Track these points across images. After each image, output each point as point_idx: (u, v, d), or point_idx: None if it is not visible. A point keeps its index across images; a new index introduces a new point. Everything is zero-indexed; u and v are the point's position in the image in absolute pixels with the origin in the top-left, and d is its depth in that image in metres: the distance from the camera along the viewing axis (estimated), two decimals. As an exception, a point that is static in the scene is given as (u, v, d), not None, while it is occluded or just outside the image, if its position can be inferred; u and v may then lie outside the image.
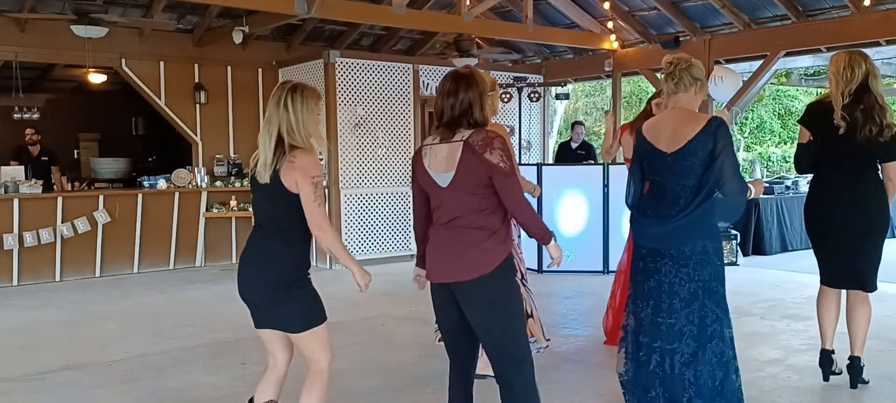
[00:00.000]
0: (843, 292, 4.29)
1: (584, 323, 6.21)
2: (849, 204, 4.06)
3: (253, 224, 3.18)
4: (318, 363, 3.15)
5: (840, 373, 4.36)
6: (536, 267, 8.38)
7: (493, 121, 4.74)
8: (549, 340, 4.76)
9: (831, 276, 4.26)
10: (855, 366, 4.24)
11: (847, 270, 4.17)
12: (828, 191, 4.13)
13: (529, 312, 4.49)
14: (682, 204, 3.33)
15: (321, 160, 9.24)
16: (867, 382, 4.31)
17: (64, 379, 4.74)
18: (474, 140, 2.89)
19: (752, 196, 3.48)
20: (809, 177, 4.41)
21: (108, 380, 4.71)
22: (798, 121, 4.30)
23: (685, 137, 3.30)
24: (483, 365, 4.52)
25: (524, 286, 4.46)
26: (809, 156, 4.18)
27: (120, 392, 4.49)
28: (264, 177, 2.95)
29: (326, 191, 9.14)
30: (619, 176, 7.72)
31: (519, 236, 4.59)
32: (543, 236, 3.03)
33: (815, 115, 4.17)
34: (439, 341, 4.79)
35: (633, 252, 3.62)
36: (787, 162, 17.73)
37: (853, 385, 4.26)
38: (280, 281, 3.00)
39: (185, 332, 5.95)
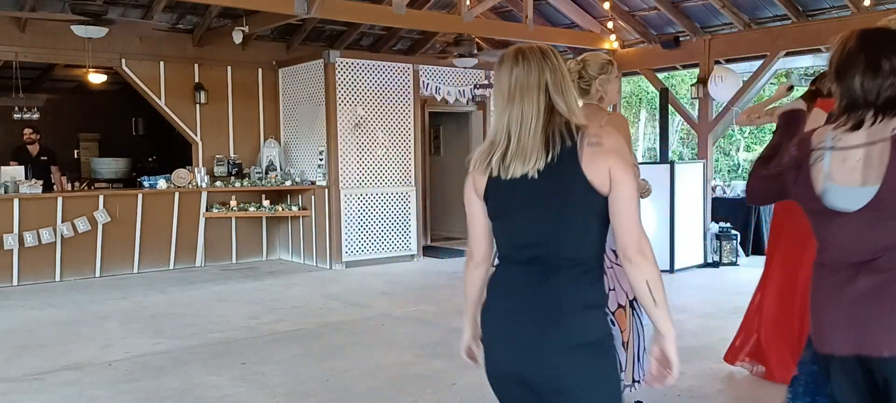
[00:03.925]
0: None
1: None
2: None
3: (500, 256, 1.98)
4: None
5: None
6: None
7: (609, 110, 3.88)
8: (635, 381, 3.76)
9: None
10: None
11: None
12: None
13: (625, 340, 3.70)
14: None
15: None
16: None
17: (64, 379, 4.74)
18: None
19: None
20: None
21: (108, 380, 4.71)
22: None
23: None
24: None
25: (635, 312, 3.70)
26: None
27: (120, 392, 4.49)
28: (530, 165, 1.83)
29: (326, 191, 9.15)
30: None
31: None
32: None
33: None
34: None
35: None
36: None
37: None
38: (586, 339, 1.83)
39: (185, 332, 5.95)
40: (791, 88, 5.01)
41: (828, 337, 2.01)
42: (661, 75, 10.74)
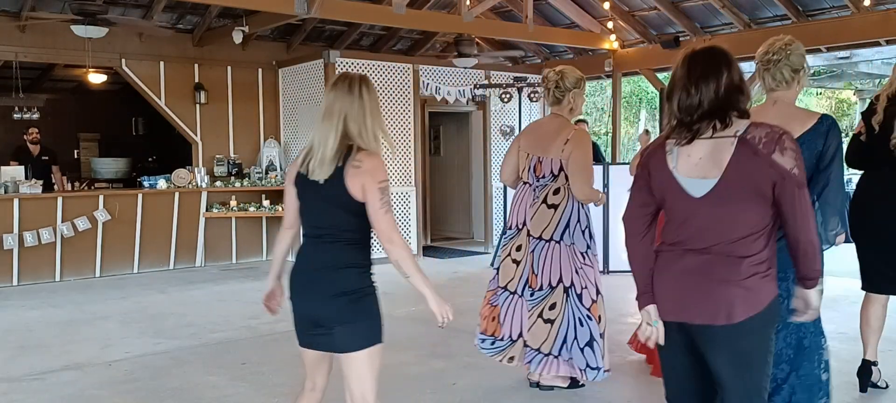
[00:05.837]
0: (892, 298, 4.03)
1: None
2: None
3: (302, 233, 2.74)
4: (364, 400, 2.75)
5: (885, 387, 4.15)
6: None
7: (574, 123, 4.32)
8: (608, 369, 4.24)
9: (879, 282, 3.98)
10: (866, 370, 4.08)
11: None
12: (875, 188, 3.89)
13: (602, 331, 4.16)
14: None
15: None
16: (886, 387, 4.15)
17: (64, 379, 4.74)
18: (755, 135, 2.19)
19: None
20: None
21: (108, 380, 4.71)
22: (861, 112, 4.11)
23: None
24: (551, 378, 4.23)
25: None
26: (857, 149, 3.96)
27: (120, 392, 4.49)
28: (321, 175, 2.54)
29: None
30: (620, 176, 7.73)
31: (590, 239, 4.17)
32: (816, 278, 2.35)
33: (870, 107, 3.96)
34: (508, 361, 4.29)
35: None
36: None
37: (863, 389, 4.10)
38: (347, 288, 2.60)
39: (185, 332, 5.95)
40: (647, 132, 5.27)
41: (664, 307, 2.36)
42: (661, 75, 10.74)
